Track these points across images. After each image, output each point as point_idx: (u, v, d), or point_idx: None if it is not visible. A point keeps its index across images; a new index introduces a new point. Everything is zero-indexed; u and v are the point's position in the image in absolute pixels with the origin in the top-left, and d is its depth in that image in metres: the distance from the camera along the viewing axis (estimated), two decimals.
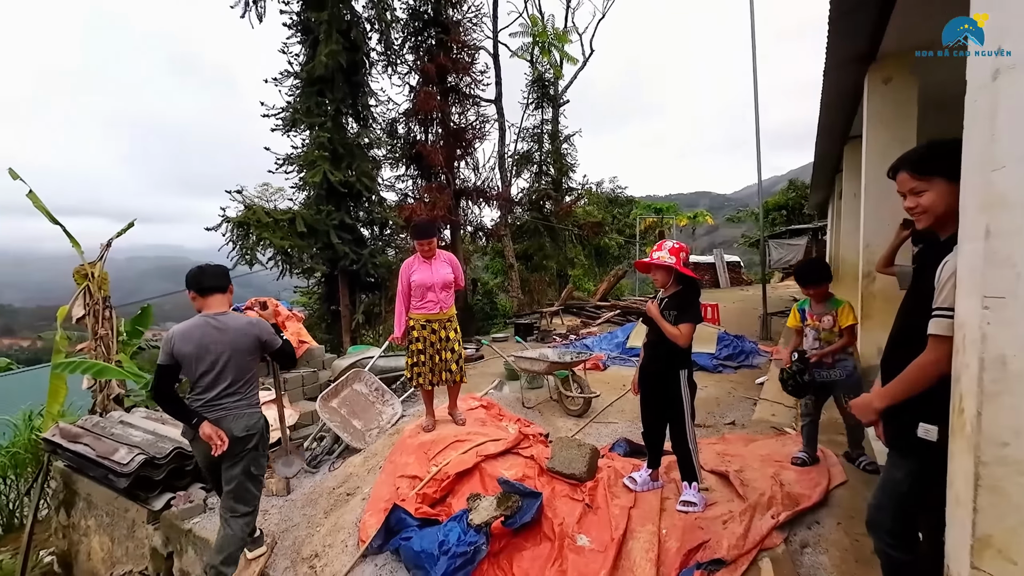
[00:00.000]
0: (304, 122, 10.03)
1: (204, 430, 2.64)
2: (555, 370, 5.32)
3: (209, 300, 2.85)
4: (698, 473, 2.77)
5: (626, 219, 27.09)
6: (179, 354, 2.70)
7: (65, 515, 4.64)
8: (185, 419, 2.71)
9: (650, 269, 2.84)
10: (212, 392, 2.74)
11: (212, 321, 2.77)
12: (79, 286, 6.29)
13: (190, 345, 2.70)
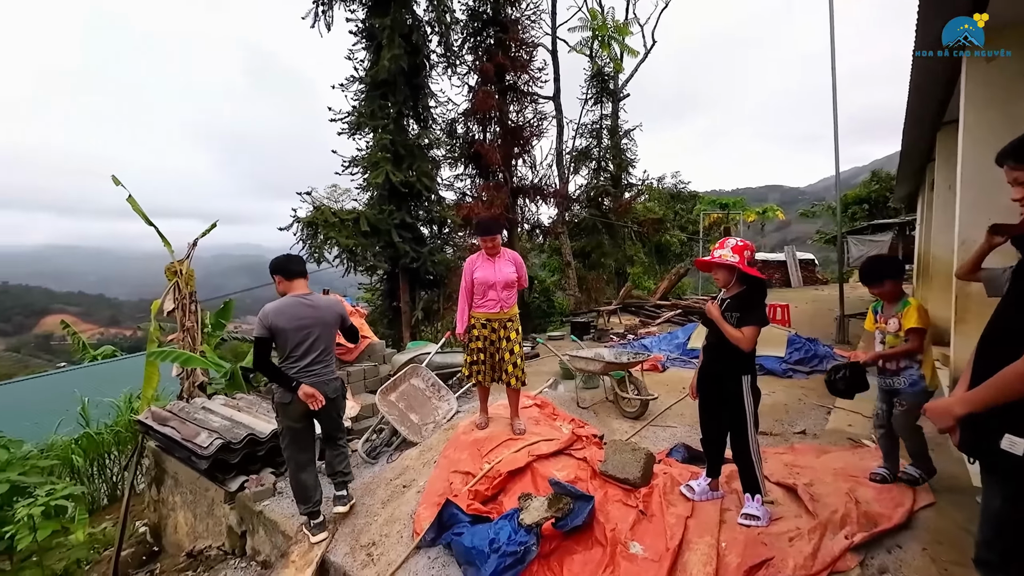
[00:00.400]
0: (368, 125, 10.42)
1: (305, 390, 3.08)
2: (611, 370, 5.22)
3: (294, 283, 3.27)
4: (762, 485, 2.60)
5: (689, 215, 26.10)
6: (274, 327, 3.08)
7: (156, 491, 5.11)
8: (284, 383, 3.10)
9: (712, 268, 2.70)
10: (305, 360, 3.15)
11: (303, 300, 3.19)
12: (170, 282, 6.87)
13: (284, 319, 3.10)
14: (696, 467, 3.31)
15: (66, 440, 8.61)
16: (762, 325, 2.54)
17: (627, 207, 18.45)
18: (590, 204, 18.32)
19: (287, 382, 3.09)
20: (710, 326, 2.71)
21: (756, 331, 2.52)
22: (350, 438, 4.66)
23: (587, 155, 18.89)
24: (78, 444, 8.44)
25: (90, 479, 8.47)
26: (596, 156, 18.93)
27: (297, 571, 2.98)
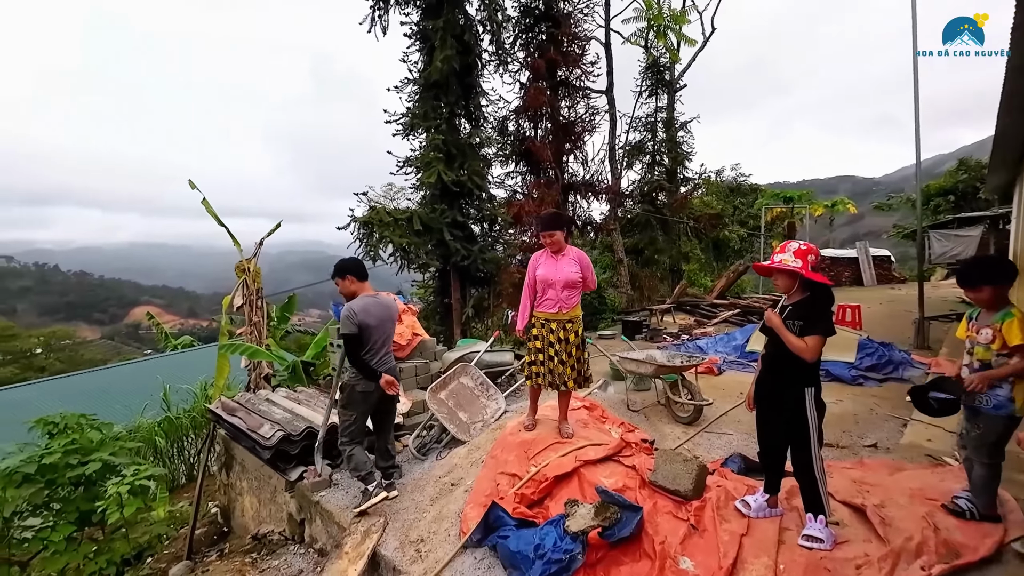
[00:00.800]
0: (421, 126, 10.62)
1: (386, 378, 3.51)
2: (663, 373, 5.06)
3: (365, 284, 3.69)
4: (826, 505, 2.43)
5: (749, 210, 24.92)
6: (362, 324, 3.45)
7: (226, 475, 5.47)
8: (371, 374, 3.48)
9: (772, 273, 2.54)
10: (381, 353, 3.59)
11: (378, 300, 3.62)
12: (239, 279, 7.32)
13: (371, 318, 3.50)
14: (753, 480, 3.14)
15: (151, 423, 9.41)
16: (828, 335, 2.36)
17: (683, 202, 17.84)
18: (644, 200, 17.86)
19: (373, 373, 3.47)
20: (769, 335, 2.56)
21: (821, 341, 2.35)
22: (402, 434, 4.80)
23: (641, 149, 18.41)
24: (160, 427, 9.20)
25: (170, 459, 9.21)
26: (650, 150, 18.41)
27: (350, 562, 3.10)
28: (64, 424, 5.27)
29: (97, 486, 5.08)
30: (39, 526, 4.94)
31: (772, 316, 2.51)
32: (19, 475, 4.68)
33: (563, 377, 3.66)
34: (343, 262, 3.74)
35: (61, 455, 4.88)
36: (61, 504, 4.99)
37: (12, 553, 4.90)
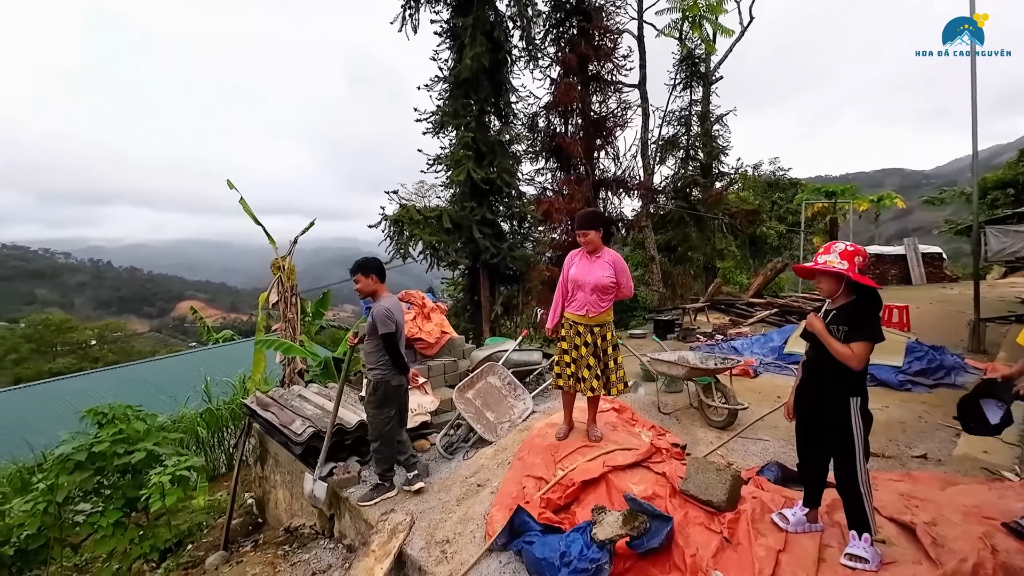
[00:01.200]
0: (451, 123, 10.65)
1: (413, 371, 3.88)
2: (696, 376, 4.92)
3: (384, 285, 3.83)
4: (872, 522, 2.28)
5: (788, 205, 24.03)
6: (398, 323, 3.69)
7: (261, 467, 5.63)
8: (405, 369, 3.74)
9: (815, 275, 2.40)
10: (402, 349, 3.78)
11: (398, 301, 3.86)
12: (274, 276, 7.51)
13: (400, 316, 3.77)
14: (791, 491, 2.99)
15: (193, 413, 9.80)
16: (876, 341, 2.21)
17: (718, 197, 17.34)
18: (677, 195, 17.44)
19: (406, 367, 3.74)
20: (812, 340, 2.42)
21: (868, 348, 2.21)
22: (429, 432, 4.82)
23: (675, 144, 17.98)
24: (202, 418, 9.57)
25: (211, 449, 9.57)
26: (684, 144, 17.96)
27: (376, 561, 3.12)
28: (112, 414, 5.52)
29: (142, 474, 5.30)
30: (89, 511, 5.20)
31: (815, 321, 2.37)
32: (71, 462, 4.92)
33: (588, 383, 3.55)
34: (370, 260, 3.80)
35: (109, 444, 5.11)
36: (109, 491, 5.23)
37: (66, 535, 5.17)
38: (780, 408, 5.23)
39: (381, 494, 3.78)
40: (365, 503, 3.71)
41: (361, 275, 3.73)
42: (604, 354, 3.58)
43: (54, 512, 4.82)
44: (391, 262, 9.84)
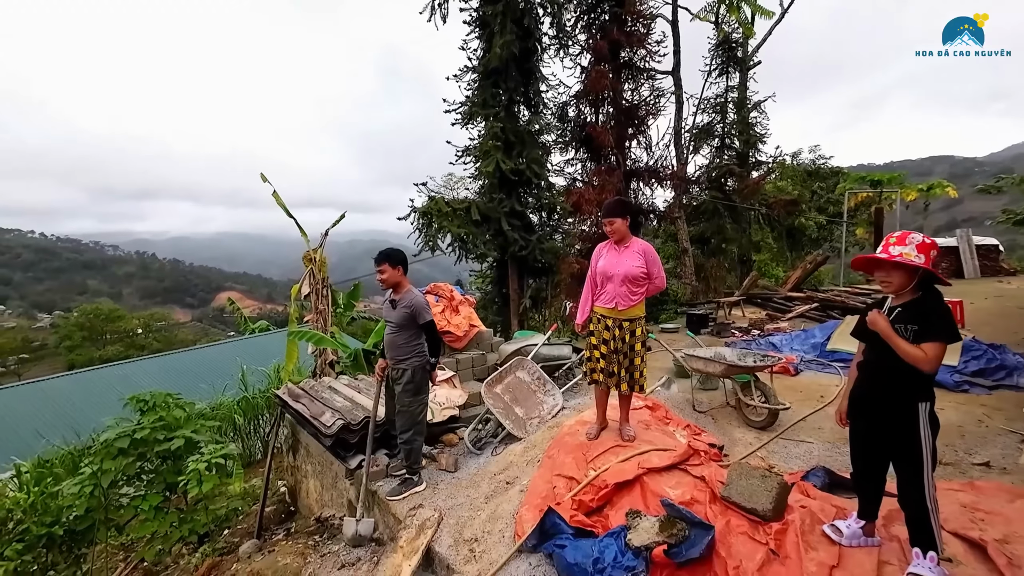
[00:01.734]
0: (480, 114, 10.56)
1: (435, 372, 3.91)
2: (733, 374, 4.70)
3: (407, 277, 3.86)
4: (938, 539, 2.08)
5: (829, 195, 22.99)
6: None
7: (292, 457, 5.71)
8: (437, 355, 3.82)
9: (881, 269, 2.15)
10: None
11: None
12: (306, 268, 7.59)
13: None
14: (841, 499, 2.80)
15: (231, 401, 10.09)
16: (951, 341, 1.99)
17: (755, 187, 16.69)
18: (711, 185, 16.89)
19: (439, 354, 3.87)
20: (870, 340, 2.22)
21: (942, 349, 1.99)
22: (458, 426, 4.77)
23: (709, 132, 17.39)
24: (239, 406, 9.84)
25: (247, 436, 9.83)
26: (720, 132, 17.36)
27: (404, 557, 3.09)
28: (153, 402, 5.68)
29: (181, 460, 5.45)
30: (132, 494, 5.38)
31: (878, 319, 2.15)
32: (115, 448, 5.08)
33: (615, 379, 3.43)
34: (397, 252, 3.82)
35: (150, 431, 5.26)
36: (150, 476, 5.40)
37: (111, 517, 5.37)
38: (824, 408, 4.97)
39: (410, 488, 3.77)
40: (394, 497, 3.70)
41: (388, 265, 3.73)
42: (631, 350, 3.42)
43: (100, 495, 5.00)
44: (420, 254, 9.86)
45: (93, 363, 28.82)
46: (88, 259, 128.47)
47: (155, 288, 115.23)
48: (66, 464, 7.56)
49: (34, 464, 7.85)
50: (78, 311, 43.25)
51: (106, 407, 10.65)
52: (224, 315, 72.93)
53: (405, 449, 3.83)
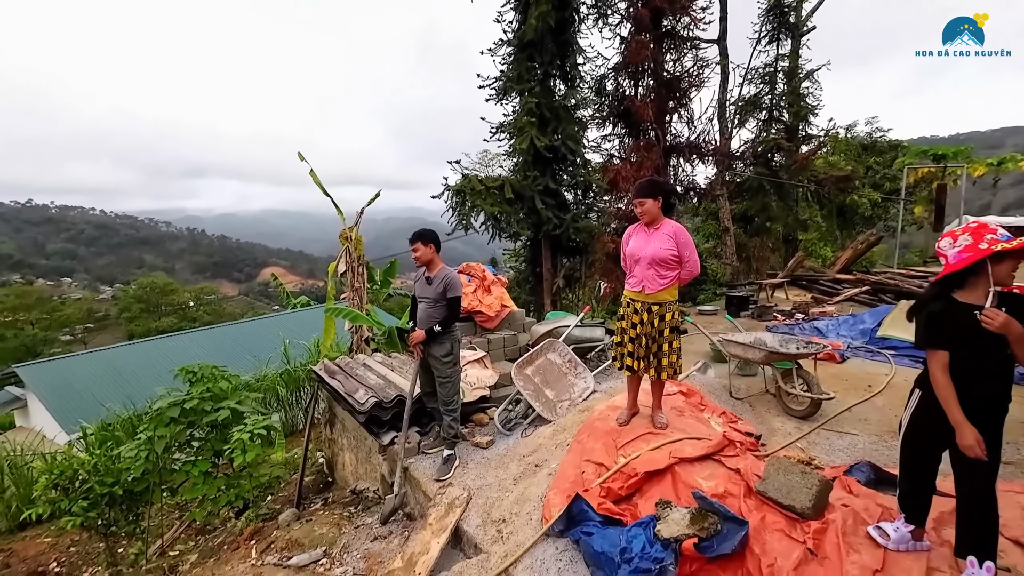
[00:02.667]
0: (515, 89, 10.34)
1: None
2: (774, 360, 4.51)
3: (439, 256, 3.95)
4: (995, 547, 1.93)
5: (886, 170, 21.57)
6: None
7: (330, 430, 5.90)
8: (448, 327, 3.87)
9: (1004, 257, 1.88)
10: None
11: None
12: (343, 246, 7.71)
13: None
14: (886, 498, 2.64)
15: (274, 374, 10.52)
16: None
17: (804, 163, 15.79)
18: (756, 161, 16.09)
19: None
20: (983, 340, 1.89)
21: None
22: (488, 406, 4.80)
23: (756, 104, 16.48)
24: (282, 378, 10.25)
25: (289, 407, 10.27)
26: (768, 105, 16.42)
27: (433, 535, 3.14)
28: (201, 374, 5.96)
29: (227, 430, 5.73)
30: (184, 460, 5.71)
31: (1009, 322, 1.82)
32: (167, 416, 5.38)
33: (640, 364, 3.33)
34: (430, 231, 3.98)
35: (198, 401, 5.54)
36: (199, 443, 5.71)
37: (165, 480, 5.72)
38: (871, 398, 4.72)
39: (453, 465, 3.86)
40: (443, 477, 3.74)
41: (421, 244, 3.88)
42: (660, 335, 3.27)
43: (154, 459, 5.32)
44: (453, 232, 9.86)
45: (150, 333, 30.67)
46: (144, 235, 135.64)
47: (205, 263, 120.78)
48: (126, 429, 8.09)
49: (98, 428, 8.45)
50: (136, 284, 45.89)
51: (160, 376, 11.32)
52: (269, 290, 75.89)
53: (450, 418, 3.94)
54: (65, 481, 5.04)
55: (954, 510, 2.24)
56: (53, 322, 37.36)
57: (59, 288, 77.28)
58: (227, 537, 5.11)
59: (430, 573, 2.88)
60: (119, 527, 5.34)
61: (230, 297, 64.76)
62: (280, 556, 3.73)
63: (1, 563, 5.84)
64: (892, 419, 4.15)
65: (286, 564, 3.57)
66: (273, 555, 3.79)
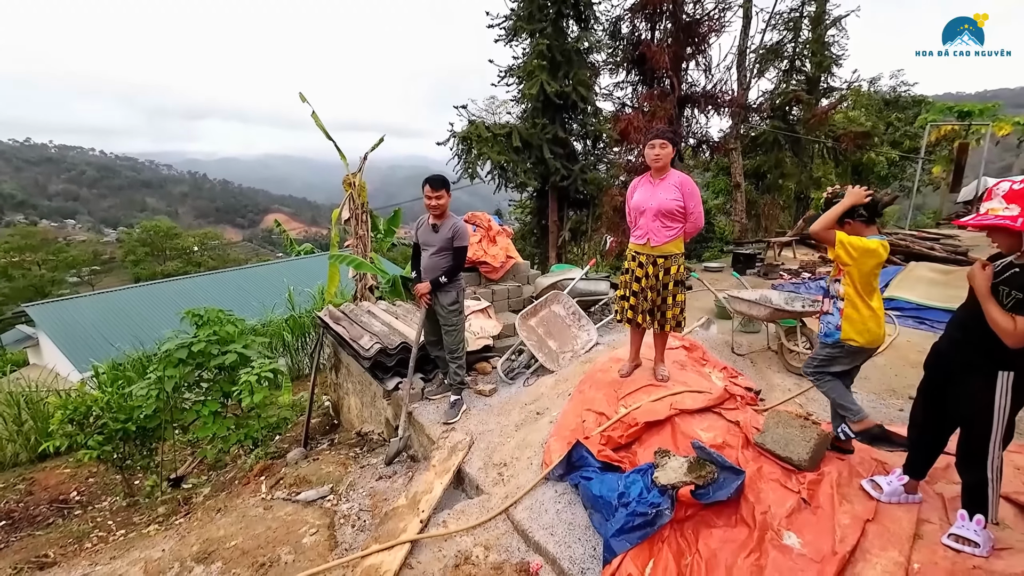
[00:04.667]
0: (525, 29, 9.82)
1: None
2: (779, 318, 4.50)
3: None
4: (993, 507, 1.95)
5: (907, 127, 20.79)
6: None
7: (335, 375, 6.01)
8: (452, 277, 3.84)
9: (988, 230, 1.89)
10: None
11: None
12: (346, 193, 7.58)
13: None
14: (882, 453, 2.68)
15: (279, 320, 10.64)
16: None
17: (822, 117, 15.19)
18: (774, 114, 15.48)
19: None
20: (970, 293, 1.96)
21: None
22: (491, 356, 4.85)
23: (778, 53, 15.65)
24: (287, 324, 10.37)
25: (295, 352, 10.45)
26: (790, 53, 15.61)
27: (436, 475, 3.24)
28: (207, 317, 6.02)
29: (235, 372, 5.85)
30: (193, 400, 5.86)
31: (978, 274, 1.88)
32: (175, 358, 5.48)
33: (645, 317, 3.31)
34: (446, 179, 3.86)
35: (205, 344, 5.62)
36: (207, 384, 5.84)
37: (176, 418, 5.90)
38: (872, 357, 4.74)
39: (460, 409, 3.94)
40: (451, 421, 3.84)
41: (446, 192, 3.79)
42: (664, 288, 3.24)
43: (164, 399, 5.46)
44: (458, 181, 9.66)
45: (155, 277, 30.89)
46: (145, 178, 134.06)
47: (207, 208, 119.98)
48: (136, 368, 8.27)
49: (109, 367, 8.64)
50: (139, 228, 45.78)
51: (167, 319, 11.47)
52: (272, 236, 75.74)
53: (455, 365, 3.97)
54: (80, 416, 5.19)
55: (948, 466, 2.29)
56: (59, 263, 37.58)
57: (63, 230, 77.34)
58: (238, 473, 5.32)
59: (433, 511, 2.99)
60: (134, 461, 5.54)
61: (234, 243, 64.73)
62: (289, 492, 3.88)
63: (24, 491, 6.13)
64: (892, 378, 4.18)
65: (295, 499, 3.72)
66: (282, 490, 3.94)
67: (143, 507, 5.14)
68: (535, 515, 2.75)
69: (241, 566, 2.98)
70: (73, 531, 4.69)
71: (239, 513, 3.67)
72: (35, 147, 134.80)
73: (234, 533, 3.32)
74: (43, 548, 4.28)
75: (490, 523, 2.83)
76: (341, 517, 3.36)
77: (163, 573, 3.10)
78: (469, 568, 2.54)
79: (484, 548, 2.67)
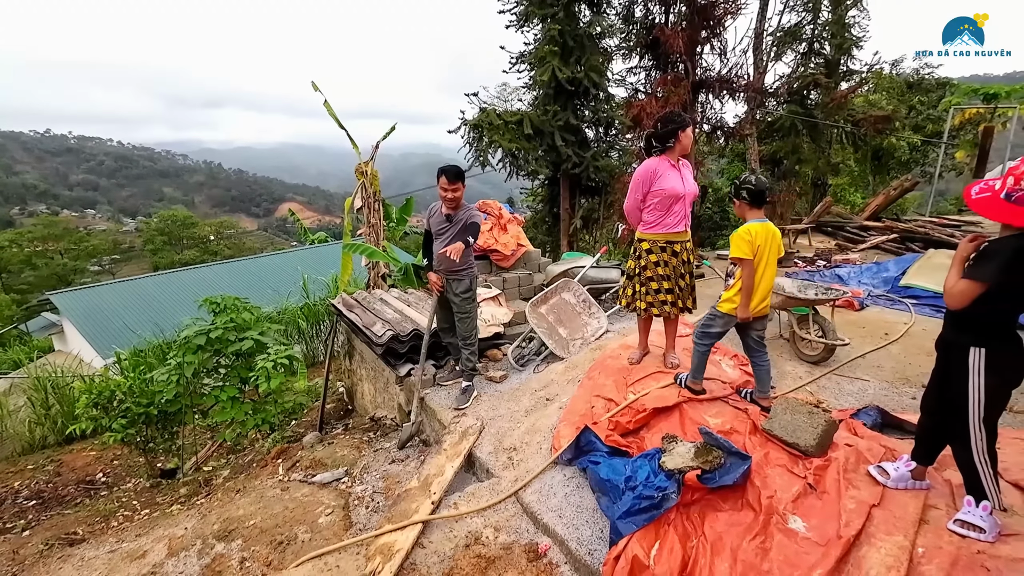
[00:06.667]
0: (537, 14, 9.70)
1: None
2: (791, 306, 4.47)
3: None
4: (991, 492, 1.96)
5: (931, 111, 20.19)
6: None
7: (349, 361, 6.12)
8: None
9: None
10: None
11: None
12: (359, 181, 7.64)
13: None
14: (891, 440, 2.69)
15: (294, 307, 10.82)
16: (983, 282, 1.80)
17: (841, 101, 14.80)
18: (791, 99, 15.12)
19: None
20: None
21: (970, 287, 1.81)
22: (502, 343, 4.90)
23: (796, 35, 15.21)
24: (302, 311, 10.53)
25: (310, 339, 10.62)
26: (808, 36, 15.19)
27: (447, 459, 3.32)
28: (224, 305, 6.15)
29: (252, 359, 5.99)
30: (212, 385, 6.02)
31: (961, 244, 1.95)
32: (194, 344, 5.62)
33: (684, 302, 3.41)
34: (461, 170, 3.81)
35: (222, 331, 5.75)
36: (225, 370, 5.99)
37: (196, 403, 6.07)
38: (887, 345, 4.69)
39: (471, 395, 4.01)
40: (462, 406, 3.91)
41: (462, 184, 3.77)
42: (686, 271, 3.38)
43: (184, 384, 5.62)
44: (470, 169, 9.65)
45: (174, 266, 31.47)
46: (162, 167, 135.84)
47: (223, 197, 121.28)
48: (156, 355, 8.50)
49: (131, 353, 8.88)
50: (157, 217, 46.55)
51: (186, 306, 11.72)
52: (287, 225, 76.46)
53: (468, 351, 4.03)
54: (104, 401, 5.36)
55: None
56: (81, 252, 38.44)
57: (84, 219, 78.94)
58: (256, 456, 5.47)
59: (444, 493, 3.07)
60: (157, 444, 5.72)
61: (249, 232, 65.52)
62: (305, 474, 3.99)
63: (53, 472, 6.37)
64: (906, 367, 4.14)
65: (311, 481, 3.83)
66: (299, 472, 4.06)
67: (165, 488, 5.32)
68: (544, 498, 2.81)
69: (260, 543, 3.10)
70: (100, 510, 4.88)
71: (257, 494, 3.79)
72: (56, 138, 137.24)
73: (253, 512, 3.44)
74: (72, 526, 4.47)
75: (500, 505, 2.89)
76: (355, 498, 3.46)
77: (186, 549, 3.22)
78: (479, 548, 2.61)
79: (494, 529, 2.74)
